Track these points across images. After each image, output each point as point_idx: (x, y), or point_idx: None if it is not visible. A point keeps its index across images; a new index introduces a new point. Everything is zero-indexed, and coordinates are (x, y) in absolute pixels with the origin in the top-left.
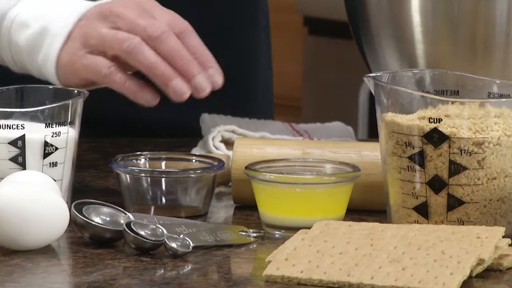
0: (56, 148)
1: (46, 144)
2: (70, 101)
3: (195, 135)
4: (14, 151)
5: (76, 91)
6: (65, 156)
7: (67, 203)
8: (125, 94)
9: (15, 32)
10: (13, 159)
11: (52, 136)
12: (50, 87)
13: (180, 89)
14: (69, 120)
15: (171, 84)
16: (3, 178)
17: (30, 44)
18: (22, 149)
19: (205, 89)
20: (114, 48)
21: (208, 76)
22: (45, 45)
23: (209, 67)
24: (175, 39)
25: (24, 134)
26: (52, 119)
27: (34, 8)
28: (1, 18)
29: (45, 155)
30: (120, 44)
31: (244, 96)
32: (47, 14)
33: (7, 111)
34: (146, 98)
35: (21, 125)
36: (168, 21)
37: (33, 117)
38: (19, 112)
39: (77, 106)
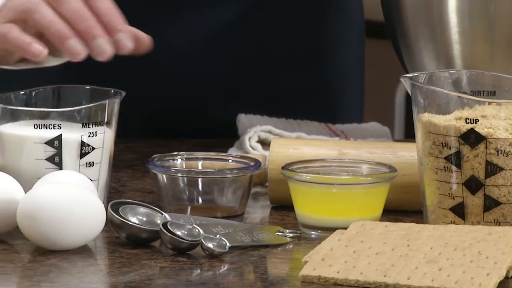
0: (93, 148)
1: (82, 144)
2: (107, 101)
3: (231, 135)
4: (50, 151)
5: (113, 91)
6: (101, 156)
7: (103, 203)
8: (19, 50)
9: None
10: (50, 159)
11: (88, 136)
12: (87, 87)
13: (74, 49)
14: (105, 120)
15: (66, 43)
16: (39, 178)
17: None
18: (59, 149)
19: (106, 52)
20: (14, 10)
21: (114, 41)
22: None
23: (118, 30)
24: (77, 1)
25: (61, 134)
26: (89, 119)
27: None
28: None
29: (82, 155)
30: (19, 5)
31: (332, 101)
32: None
33: (44, 111)
34: (34, 51)
35: (58, 125)
36: None
37: (70, 117)
38: (56, 112)
39: (114, 106)
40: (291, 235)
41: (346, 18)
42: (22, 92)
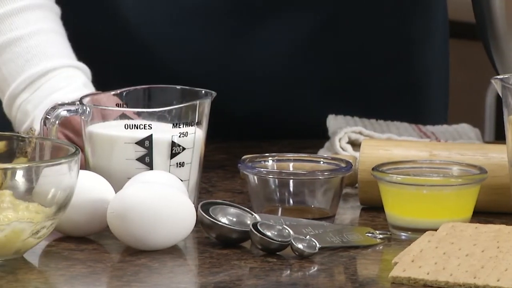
0: (183, 148)
1: (173, 144)
2: (198, 102)
3: (322, 136)
4: (141, 151)
5: (203, 92)
6: (192, 156)
7: (193, 203)
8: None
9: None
10: (140, 159)
11: (179, 136)
12: (178, 87)
13: None
14: (196, 121)
15: None
16: (130, 178)
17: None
18: (150, 149)
19: None
20: None
21: None
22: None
23: None
24: None
25: (152, 134)
26: (180, 119)
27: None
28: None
29: (172, 155)
30: None
31: (418, 100)
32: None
33: (135, 111)
34: None
35: (149, 125)
36: None
37: (161, 117)
38: (147, 112)
39: (205, 106)
40: (381, 236)
41: (430, 17)
42: (113, 92)
